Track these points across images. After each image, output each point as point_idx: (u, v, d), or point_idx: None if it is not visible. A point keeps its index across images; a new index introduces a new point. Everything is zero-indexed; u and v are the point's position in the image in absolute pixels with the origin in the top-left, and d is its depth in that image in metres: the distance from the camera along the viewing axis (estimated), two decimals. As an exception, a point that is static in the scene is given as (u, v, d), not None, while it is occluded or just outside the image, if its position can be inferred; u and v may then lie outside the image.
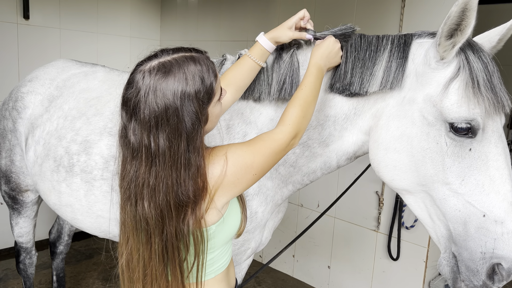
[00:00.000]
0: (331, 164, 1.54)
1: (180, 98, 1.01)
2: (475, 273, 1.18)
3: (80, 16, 3.90)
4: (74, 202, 1.83)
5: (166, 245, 1.04)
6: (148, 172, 1.02)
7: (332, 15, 3.13)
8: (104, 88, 1.96)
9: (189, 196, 1.02)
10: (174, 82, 1.01)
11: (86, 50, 3.98)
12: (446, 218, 1.23)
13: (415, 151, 1.25)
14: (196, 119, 1.03)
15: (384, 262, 3.02)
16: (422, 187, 1.27)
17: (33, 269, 2.56)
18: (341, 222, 3.25)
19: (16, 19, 3.48)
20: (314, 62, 1.35)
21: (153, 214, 1.03)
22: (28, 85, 2.15)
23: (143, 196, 1.03)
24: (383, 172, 1.35)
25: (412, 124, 1.26)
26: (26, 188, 2.21)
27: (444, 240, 1.26)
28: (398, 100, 1.32)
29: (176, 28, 4.41)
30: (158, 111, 1.00)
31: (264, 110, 1.53)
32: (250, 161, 1.10)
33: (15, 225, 2.38)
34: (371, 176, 3.01)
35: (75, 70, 2.15)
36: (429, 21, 2.61)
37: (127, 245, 1.10)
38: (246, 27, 3.76)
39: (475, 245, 1.17)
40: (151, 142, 1.01)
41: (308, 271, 3.51)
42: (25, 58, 3.56)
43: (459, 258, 1.21)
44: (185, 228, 1.04)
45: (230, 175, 1.08)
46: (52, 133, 1.92)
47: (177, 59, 1.04)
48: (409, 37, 1.36)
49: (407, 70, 1.31)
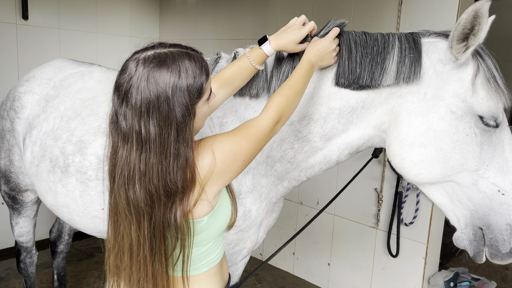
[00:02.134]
0: (331, 158, 1.53)
1: (171, 88, 1.03)
2: (502, 243, 1.32)
3: (79, 16, 3.90)
4: (70, 203, 1.83)
5: (154, 231, 1.06)
6: (139, 158, 1.04)
7: (330, 13, 3.13)
8: (99, 88, 1.97)
9: (177, 185, 1.04)
10: (167, 72, 1.03)
11: (86, 50, 3.99)
12: (472, 200, 1.33)
13: (444, 144, 1.31)
14: (186, 111, 1.05)
15: (384, 259, 3.02)
16: (448, 177, 1.35)
17: (33, 268, 2.57)
18: (340, 220, 3.26)
19: (15, 19, 3.49)
20: (307, 57, 1.37)
21: (142, 198, 1.04)
22: (25, 85, 2.15)
23: (134, 180, 1.04)
24: (408, 167, 1.38)
25: (439, 119, 1.32)
26: (26, 188, 2.22)
27: (465, 219, 1.37)
28: (419, 97, 1.35)
29: (175, 27, 4.41)
30: (149, 98, 1.02)
31: (260, 107, 1.52)
32: (237, 147, 1.13)
33: (15, 225, 2.39)
34: (370, 173, 3.03)
35: (72, 69, 2.16)
36: (426, 18, 2.61)
37: (117, 231, 1.11)
38: (244, 26, 3.76)
39: (501, 219, 1.31)
40: (142, 128, 1.03)
41: (308, 268, 3.52)
42: (25, 59, 3.57)
43: (486, 231, 1.34)
44: (172, 218, 1.06)
45: (219, 163, 1.10)
46: (48, 133, 1.93)
47: (173, 52, 1.06)
48: (416, 35, 1.39)
49: (424, 66, 1.34)
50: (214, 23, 4.02)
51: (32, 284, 2.61)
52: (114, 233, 1.12)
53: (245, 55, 1.46)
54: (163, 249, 1.07)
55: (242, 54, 1.49)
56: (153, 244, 1.07)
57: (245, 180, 1.56)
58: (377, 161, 2.93)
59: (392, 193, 2.90)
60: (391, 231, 2.90)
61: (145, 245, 1.06)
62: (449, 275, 2.91)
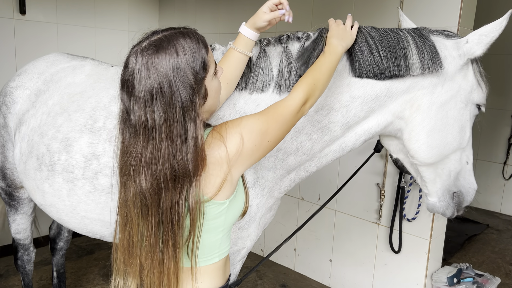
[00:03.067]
0: (346, 146, 1.60)
1: (172, 70, 1.03)
2: (468, 201, 1.72)
3: (77, 11, 3.86)
4: (58, 202, 1.78)
5: (162, 218, 1.06)
6: (146, 147, 1.05)
7: (330, 11, 3.09)
8: (88, 83, 1.90)
9: (185, 167, 1.04)
10: (165, 55, 1.04)
11: (84, 44, 3.95)
12: (454, 172, 1.63)
13: (454, 129, 1.55)
14: (190, 89, 1.05)
15: (386, 254, 2.99)
16: (446, 157, 1.59)
17: (31, 265, 2.55)
18: (342, 215, 3.22)
19: (13, 14, 3.45)
20: (328, 42, 1.41)
21: (149, 187, 1.05)
22: (17, 79, 2.11)
23: (140, 170, 1.05)
24: (423, 152, 1.55)
25: (453, 107, 1.53)
26: (21, 185, 2.19)
27: (443, 188, 1.65)
28: (438, 86, 1.51)
29: (175, 21, 4.37)
30: (152, 85, 1.03)
31: (263, 101, 1.50)
32: (264, 127, 1.14)
33: (12, 222, 2.36)
34: (372, 168, 2.99)
35: (65, 64, 2.10)
36: (427, 18, 2.56)
37: (127, 224, 1.11)
38: (244, 19, 3.70)
39: (469, 184, 1.69)
40: (148, 117, 1.03)
41: (310, 264, 3.49)
42: (23, 54, 3.53)
43: (461, 195, 1.69)
44: (181, 202, 1.06)
45: (247, 142, 1.11)
46: (35, 129, 1.87)
47: (166, 35, 1.08)
48: (424, 31, 1.52)
49: (443, 59, 1.48)
50: (214, 17, 3.97)
51: (30, 281, 2.59)
52: (123, 228, 1.13)
53: (231, 48, 1.48)
54: (170, 235, 1.07)
55: (228, 48, 1.50)
56: (160, 231, 1.07)
57: (246, 175, 1.52)
58: (379, 156, 2.89)
59: (394, 188, 2.86)
60: (393, 227, 2.87)
61: (151, 233, 1.07)
62: (452, 271, 2.87)
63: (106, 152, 1.64)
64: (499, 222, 4.75)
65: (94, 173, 1.65)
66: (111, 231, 1.75)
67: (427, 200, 1.72)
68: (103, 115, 1.70)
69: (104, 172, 1.64)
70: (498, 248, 4.08)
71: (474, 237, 4.28)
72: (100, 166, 1.64)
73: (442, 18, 2.51)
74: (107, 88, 1.80)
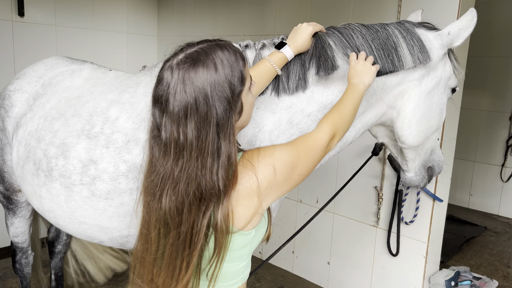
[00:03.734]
0: (347, 140, 1.68)
1: (210, 84, 0.99)
2: (438, 172, 1.95)
3: (76, 13, 3.86)
4: (56, 208, 1.78)
5: (180, 238, 1.02)
6: (175, 165, 1.00)
7: (328, 11, 3.09)
8: (86, 87, 1.89)
9: (214, 186, 1.00)
10: (203, 69, 0.99)
11: (83, 47, 3.95)
12: (429, 149, 1.82)
13: (436, 113, 1.70)
14: (227, 104, 1.01)
15: (384, 257, 2.99)
16: (428, 138, 1.75)
17: (29, 268, 2.55)
18: (340, 218, 3.23)
19: (11, 16, 3.45)
20: (350, 81, 1.42)
21: (173, 207, 1.01)
22: (15, 83, 2.10)
23: (166, 189, 1.01)
24: (413, 137, 1.68)
25: (436, 93, 1.68)
26: (19, 188, 2.18)
27: (421, 163, 1.85)
28: (425, 76, 1.63)
29: (173, 24, 4.37)
30: (187, 101, 0.98)
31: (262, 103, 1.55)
32: (295, 160, 1.11)
33: (10, 225, 2.36)
34: (370, 171, 2.99)
35: (63, 67, 2.09)
36: (428, 8, 2.55)
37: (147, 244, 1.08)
38: (242, 22, 3.72)
39: (439, 157, 1.91)
40: (180, 134, 0.99)
41: (308, 267, 3.49)
42: (21, 56, 3.53)
43: (433, 168, 1.91)
44: (205, 221, 1.01)
45: (279, 174, 1.07)
46: (32, 133, 1.86)
47: (203, 47, 1.03)
48: (408, 24, 1.61)
49: (429, 53, 1.58)
50: (212, 19, 3.98)
51: (28, 284, 2.58)
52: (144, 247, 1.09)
53: (265, 59, 1.46)
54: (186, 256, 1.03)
55: (263, 58, 1.49)
56: (179, 251, 1.03)
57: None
58: (377, 159, 2.90)
59: (392, 191, 2.87)
60: (391, 230, 2.87)
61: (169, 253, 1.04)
62: (450, 274, 2.88)
63: (103, 158, 1.64)
64: (497, 225, 4.76)
65: (92, 179, 1.65)
66: (110, 236, 1.75)
67: (404, 176, 1.92)
68: (101, 120, 1.70)
69: (101, 177, 1.64)
70: (496, 250, 4.09)
71: (472, 240, 4.28)
72: (98, 172, 1.64)
73: (440, 18, 2.50)
74: (105, 93, 1.79)
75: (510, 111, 4.88)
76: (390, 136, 1.81)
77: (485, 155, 5.10)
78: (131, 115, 1.65)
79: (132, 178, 1.60)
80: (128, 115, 1.66)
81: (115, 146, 1.63)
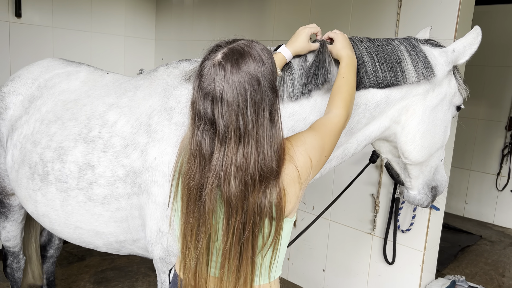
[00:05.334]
0: (349, 151, 1.68)
1: (260, 72, 1.06)
2: (441, 192, 1.94)
3: (73, 15, 3.84)
4: (51, 212, 1.75)
5: (245, 222, 1.07)
6: (236, 152, 1.06)
7: (328, 14, 3.09)
8: (83, 90, 1.87)
9: (272, 167, 1.07)
10: (251, 60, 1.06)
11: (80, 49, 3.92)
12: (434, 167, 1.82)
13: (440, 130, 1.70)
14: (274, 92, 1.10)
15: (380, 265, 2.98)
16: (431, 155, 1.74)
17: (20, 273, 2.51)
18: (336, 225, 3.21)
19: (8, 17, 3.42)
20: (346, 53, 1.45)
21: (238, 192, 1.06)
22: (10, 84, 2.07)
23: (230, 176, 1.06)
24: (417, 152, 1.68)
25: (441, 110, 1.68)
26: (12, 192, 2.15)
27: (424, 182, 1.84)
28: (430, 92, 1.63)
29: (171, 27, 4.36)
30: (244, 87, 1.04)
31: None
32: (322, 144, 1.19)
33: (2, 229, 2.32)
34: (366, 179, 2.98)
35: (59, 69, 2.06)
36: (426, 21, 2.57)
37: (198, 235, 1.11)
38: (241, 26, 3.71)
39: (442, 177, 1.91)
40: (240, 121, 1.05)
41: (303, 274, 3.46)
42: (17, 58, 3.50)
43: (437, 188, 1.90)
44: (266, 201, 1.07)
45: (313, 159, 1.16)
46: (28, 137, 1.84)
47: (243, 43, 1.10)
48: (414, 41, 1.62)
49: (434, 69, 1.59)
50: (211, 23, 3.97)
51: (19, 288, 2.54)
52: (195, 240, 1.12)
53: None
54: (250, 237, 1.08)
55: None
56: (242, 235, 1.07)
57: None
58: (374, 167, 2.89)
59: (389, 199, 2.86)
60: (387, 238, 2.86)
61: (232, 239, 1.08)
62: (446, 283, 2.87)
63: (101, 162, 1.62)
64: (492, 233, 4.76)
65: (89, 183, 1.62)
66: (105, 241, 1.72)
67: (408, 193, 1.90)
68: (98, 124, 1.68)
69: (99, 182, 1.61)
70: (491, 259, 4.09)
71: (467, 248, 4.28)
72: (95, 176, 1.62)
73: (438, 31, 2.52)
74: (102, 96, 1.77)
75: (506, 121, 4.91)
76: (393, 152, 1.80)
77: (480, 164, 5.11)
78: (130, 119, 1.63)
79: (130, 183, 1.58)
80: (126, 119, 1.64)
81: (113, 151, 1.61)
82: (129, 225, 1.66)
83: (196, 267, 1.13)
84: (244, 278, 1.10)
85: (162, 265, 1.59)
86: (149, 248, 1.61)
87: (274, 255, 1.13)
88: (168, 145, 1.51)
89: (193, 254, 1.12)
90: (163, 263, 1.58)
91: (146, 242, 1.62)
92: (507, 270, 3.87)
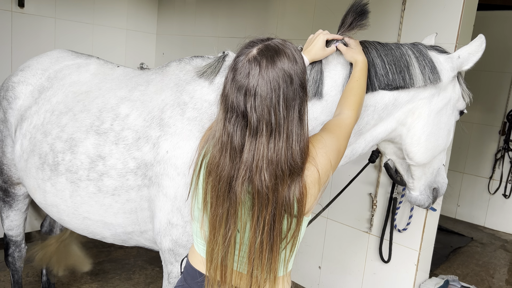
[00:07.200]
0: (356, 152, 1.73)
1: (293, 70, 1.10)
2: (442, 194, 1.97)
3: (76, 6, 3.83)
4: (60, 203, 1.77)
5: (275, 214, 1.10)
6: (266, 145, 1.08)
7: (331, 15, 3.12)
8: (94, 83, 1.89)
9: (298, 163, 1.10)
10: (286, 58, 1.10)
11: (81, 41, 3.92)
12: (435, 169, 1.88)
13: (444, 133, 1.76)
14: (304, 91, 1.14)
15: (375, 264, 3.03)
16: (434, 157, 1.80)
17: (22, 262, 2.52)
18: (333, 223, 3.26)
19: (11, 6, 3.41)
20: (360, 58, 1.52)
21: (270, 184, 1.08)
22: (20, 74, 2.08)
23: (262, 168, 1.08)
24: (421, 154, 1.74)
25: (445, 113, 1.74)
26: (18, 181, 2.16)
27: (426, 183, 1.90)
28: (436, 96, 1.68)
29: (174, 22, 4.37)
30: (278, 82, 1.08)
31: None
32: (338, 145, 1.23)
33: (5, 218, 2.33)
34: (365, 178, 3.03)
35: (69, 61, 2.07)
36: (429, 24, 2.61)
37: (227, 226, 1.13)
38: (244, 24, 3.73)
39: (443, 179, 1.95)
40: (272, 114, 1.08)
41: (299, 270, 3.51)
42: (19, 48, 3.49)
43: (438, 190, 1.94)
44: (292, 195, 1.10)
45: (332, 160, 1.19)
46: (38, 127, 1.85)
47: (278, 41, 1.14)
48: (421, 46, 1.67)
49: (440, 74, 1.64)
50: (214, 19, 3.98)
51: (19, 278, 2.56)
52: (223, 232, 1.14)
53: None
54: (278, 230, 1.11)
55: None
56: (271, 228, 1.10)
57: None
58: (372, 166, 2.93)
59: (386, 199, 2.91)
60: (383, 237, 2.91)
61: (263, 231, 1.10)
62: (439, 282, 2.93)
63: (112, 154, 1.64)
64: (483, 236, 4.85)
65: (100, 175, 1.65)
66: (113, 232, 1.74)
67: (409, 194, 1.97)
68: (110, 117, 1.70)
69: (109, 174, 1.64)
70: (482, 261, 4.17)
71: (459, 249, 4.36)
72: (106, 168, 1.64)
73: (441, 35, 2.56)
74: (114, 89, 1.79)
75: (500, 125, 4.99)
76: (397, 153, 1.87)
77: (474, 167, 5.20)
78: (142, 112, 1.65)
79: (141, 175, 1.61)
80: (139, 113, 1.66)
81: (125, 143, 1.63)
82: (138, 216, 1.68)
83: (223, 259, 1.15)
84: (274, 271, 1.13)
85: (170, 257, 1.62)
86: (158, 240, 1.64)
87: (292, 249, 1.17)
88: (180, 139, 1.54)
89: (221, 245, 1.14)
90: (171, 255, 1.61)
91: (155, 234, 1.65)
92: (497, 272, 3.96)
